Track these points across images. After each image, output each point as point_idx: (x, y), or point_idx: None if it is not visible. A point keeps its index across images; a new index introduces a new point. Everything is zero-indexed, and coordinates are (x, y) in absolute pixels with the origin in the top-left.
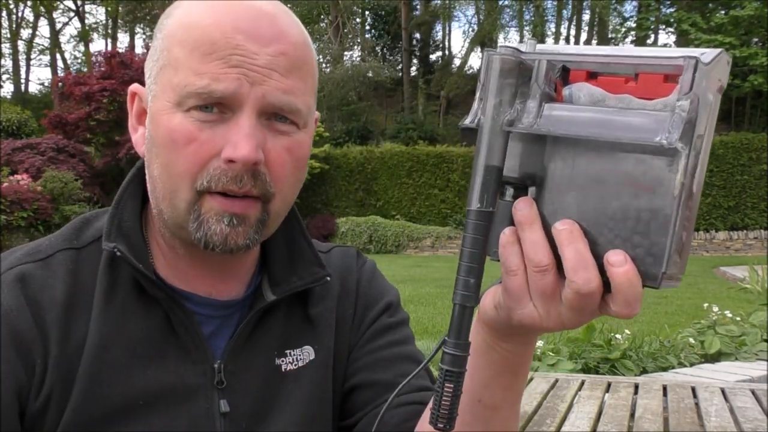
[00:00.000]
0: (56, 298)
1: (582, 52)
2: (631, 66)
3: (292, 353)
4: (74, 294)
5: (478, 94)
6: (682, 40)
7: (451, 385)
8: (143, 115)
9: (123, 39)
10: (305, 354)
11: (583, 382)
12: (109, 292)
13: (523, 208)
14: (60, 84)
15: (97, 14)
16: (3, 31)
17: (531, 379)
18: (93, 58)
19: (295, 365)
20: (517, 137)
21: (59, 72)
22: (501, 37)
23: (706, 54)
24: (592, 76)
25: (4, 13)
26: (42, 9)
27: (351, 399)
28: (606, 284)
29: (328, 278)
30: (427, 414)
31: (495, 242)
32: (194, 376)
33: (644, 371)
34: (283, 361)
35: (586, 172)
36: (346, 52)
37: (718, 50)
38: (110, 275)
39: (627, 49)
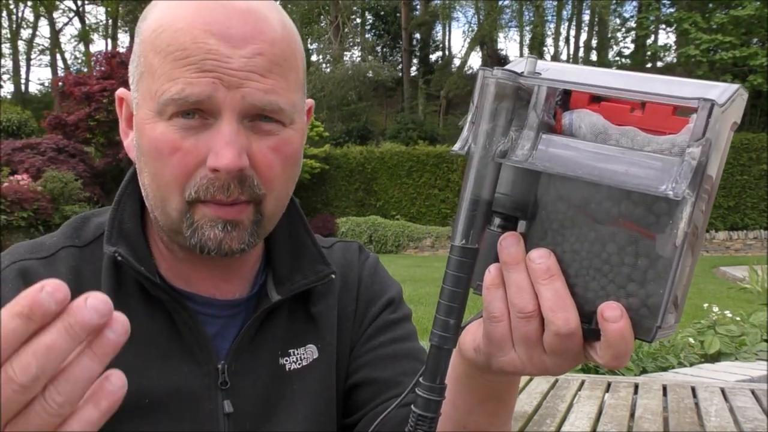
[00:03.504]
0: None
1: (586, 79)
2: (635, 99)
3: (296, 352)
4: (78, 292)
5: (469, 117)
6: (682, 40)
7: (425, 430)
8: (132, 119)
9: (123, 39)
10: (309, 353)
11: (583, 382)
12: (112, 293)
13: (510, 246)
14: (60, 84)
15: (97, 14)
16: (3, 31)
17: (531, 379)
18: (93, 58)
19: (299, 364)
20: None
21: (59, 72)
22: (501, 36)
23: (723, 93)
24: (594, 100)
25: (4, 13)
26: (42, 9)
27: (353, 397)
28: (595, 332)
29: (333, 276)
30: None
31: (480, 275)
32: (198, 377)
33: (644, 371)
34: (287, 360)
35: (582, 209)
36: (346, 52)
37: (736, 87)
38: (114, 277)
39: (636, 77)
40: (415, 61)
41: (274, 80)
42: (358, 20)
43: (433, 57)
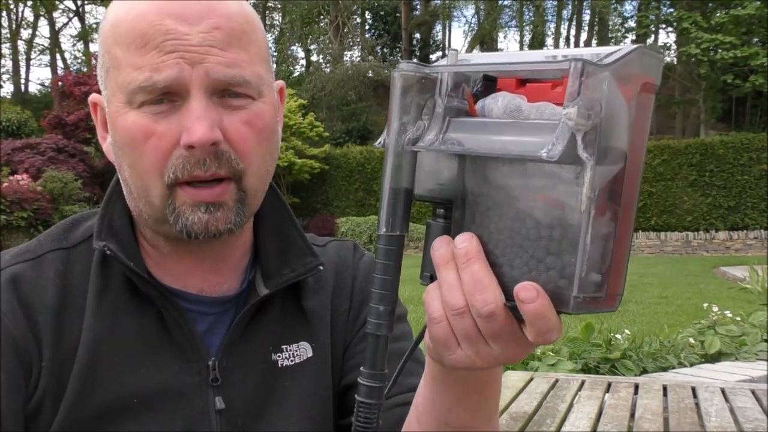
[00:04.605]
0: (47, 301)
1: (483, 60)
2: (519, 73)
3: (289, 348)
4: (65, 296)
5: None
6: (683, 39)
7: (369, 417)
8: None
9: None
10: (302, 350)
11: (583, 382)
12: (101, 292)
13: (439, 248)
14: (60, 84)
15: (97, 14)
16: (3, 31)
17: (531, 379)
18: (93, 58)
19: (292, 361)
20: (442, 155)
21: (59, 72)
22: (501, 36)
23: (612, 53)
24: (521, 84)
25: (4, 13)
26: (42, 9)
27: (347, 397)
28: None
29: (321, 267)
30: (413, 416)
31: (429, 265)
32: (189, 375)
33: (644, 371)
34: (279, 356)
35: (500, 188)
36: (346, 52)
37: (633, 46)
38: (102, 275)
39: (541, 54)
40: (415, 61)
41: (235, 53)
42: (358, 20)
43: (433, 57)
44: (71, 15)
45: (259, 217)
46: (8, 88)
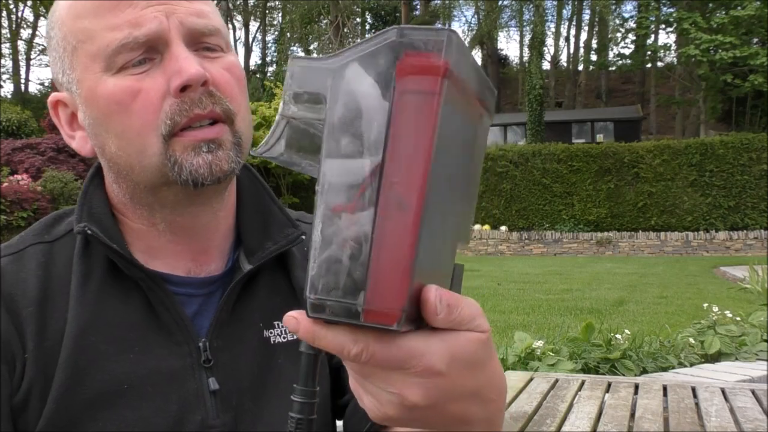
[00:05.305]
0: (29, 293)
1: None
2: None
3: (280, 325)
4: (48, 287)
5: None
6: (682, 40)
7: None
8: (75, 121)
9: None
10: None
11: (583, 382)
12: (84, 280)
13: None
14: None
15: None
16: (3, 31)
17: (531, 379)
18: None
19: (284, 338)
20: None
21: None
22: (501, 36)
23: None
24: None
25: (4, 13)
26: (42, 9)
27: (342, 375)
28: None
29: (303, 237)
30: None
31: None
32: (179, 357)
33: (644, 371)
34: (271, 333)
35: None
36: None
37: (390, 29)
38: (85, 262)
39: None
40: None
41: (201, 5)
42: (358, 20)
43: None
44: None
45: (239, 193)
46: (8, 88)
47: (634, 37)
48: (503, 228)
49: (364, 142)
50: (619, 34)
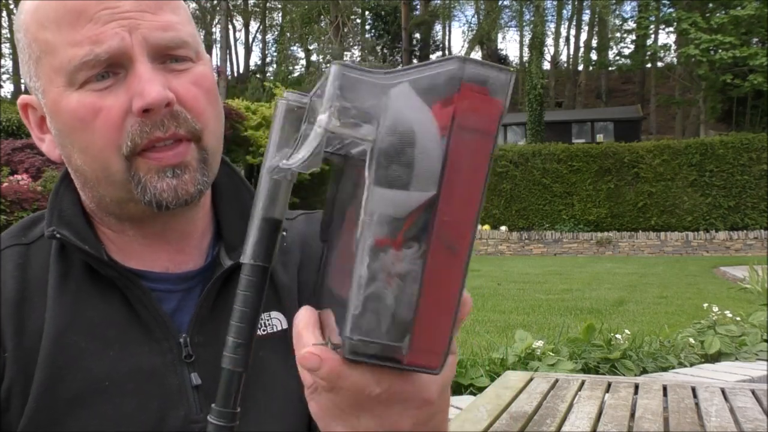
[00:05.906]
0: (7, 293)
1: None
2: None
3: (260, 319)
4: (25, 288)
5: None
6: (682, 40)
7: None
8: (44, 124)
9: None
10: (274, 321)
11: (583, 382)
12: (62, 280)
13: (296, 317)
14: None
15: None
16: (3, 31)
17: (531, 379)
18: None
19: (264, 331)
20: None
21: None
22: (501, 36)
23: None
24: None
25: (4, 13)
26: None
27: None
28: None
29: (284, 233)
30: None
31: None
32: (160, 354)
33: (644, 371)
34: None
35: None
36: (346, 52)
37: (453, 57)
38: (62, 263)
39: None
40: (415, 60)
41: (167, 16)
42: (358, 20)
43: (433, 57)
44: None
45: (216, 189)
46: (8, 88)
47: (634, 37)
48: (503, 228)
49: (414, 173)
50: (618, 35)
